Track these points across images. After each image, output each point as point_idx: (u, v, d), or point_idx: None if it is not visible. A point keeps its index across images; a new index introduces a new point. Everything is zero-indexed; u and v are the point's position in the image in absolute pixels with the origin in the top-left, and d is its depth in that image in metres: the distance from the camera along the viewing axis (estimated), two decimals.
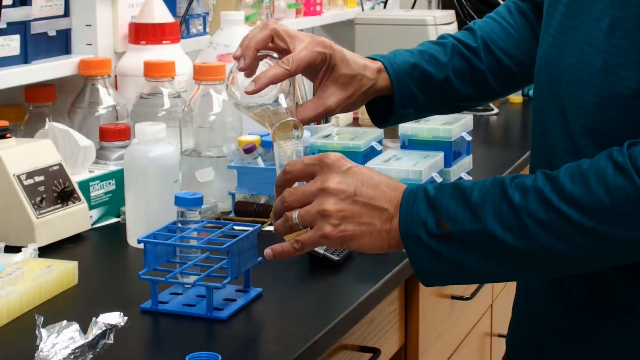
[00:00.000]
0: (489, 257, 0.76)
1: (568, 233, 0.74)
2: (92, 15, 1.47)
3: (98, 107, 1.40)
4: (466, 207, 0.77)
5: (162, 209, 1.11)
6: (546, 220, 0.74)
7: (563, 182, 0.75)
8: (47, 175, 1.15)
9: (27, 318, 0.92)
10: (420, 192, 0.79)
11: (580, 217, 0.74)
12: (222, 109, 1.30)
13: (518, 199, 0.75)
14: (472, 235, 0.76)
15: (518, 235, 0.75)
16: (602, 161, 0.75)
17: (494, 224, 0.75)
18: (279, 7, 2.00)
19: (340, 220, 0.79)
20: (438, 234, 0.77)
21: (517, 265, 0.77)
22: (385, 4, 2.44)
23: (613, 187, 0.73)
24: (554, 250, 0.75)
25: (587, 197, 0.74)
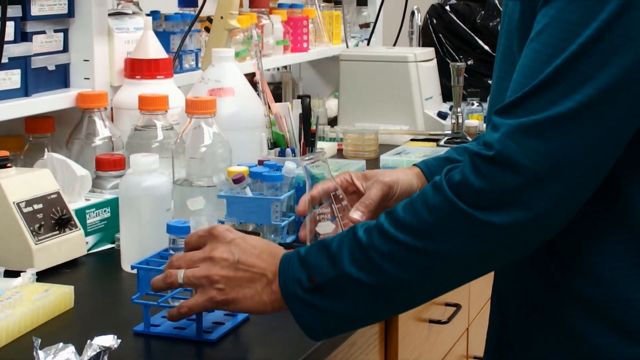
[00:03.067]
0: (354, 299, 0.81)
1: (407, 259, 0.78)
2: (90, 51, 1.50)
3: (94, 138, 1.42)
4: (328, 257, 0.82)
5: (155, 236, 1.13)
6: (387, 251, 0.79)
7: (397, 213, 0.81)
8: (46, 203, 1.17)
9: (25, 340, 0.94)
10: (294, 255, 0.85)
11: (413, 241, 0.78)
12: (212, 141, 1.32)
13: (365, 238, 0.81)
14: (335, 282, 0.81)
15: (370, 272, 0.80)
16: (427, 187, 0.80)
17: (350, 266, 0.81)
18: (267, 44, 2.04)
19: (224, 286, 0.85)
20: (310, 287, 0.82)
21: (378, 303, 0.81)
22: (368, 41, 2.50)
23: (432, 206, 0.78)
24: (402, 279, 0.79)
25: (414, 220, 0.79)
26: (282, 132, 1.52)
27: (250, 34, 1.84)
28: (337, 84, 2.19)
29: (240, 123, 1.50)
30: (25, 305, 0.98)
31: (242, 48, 1.87)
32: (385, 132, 1.99)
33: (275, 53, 2.08)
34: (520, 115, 0.76)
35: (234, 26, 1.70)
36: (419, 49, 2.25)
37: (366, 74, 2.08)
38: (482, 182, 0.76)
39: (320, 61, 2.37)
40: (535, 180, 0.74)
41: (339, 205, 0.98)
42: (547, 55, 0.76)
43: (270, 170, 1.30)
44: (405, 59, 2.05)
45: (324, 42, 2.36)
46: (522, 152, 0.74)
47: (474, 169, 0.76)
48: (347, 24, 2.47)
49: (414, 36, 2.46)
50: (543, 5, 0.78)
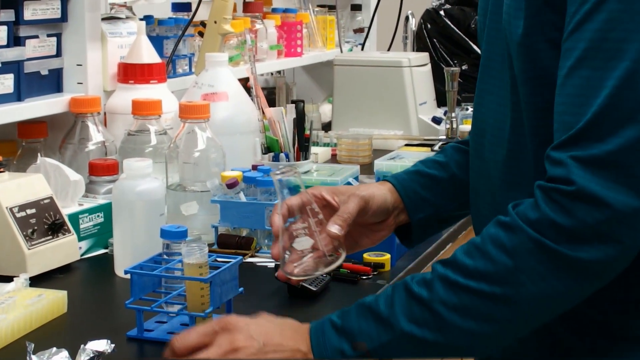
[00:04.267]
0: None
1: (483, 309, 0.74)
2: (83, 56, 1.50)
3: (88, 143, 1.42)
4: (377, 320, 0.76)
5: (148, 241, 1.13)
6: (458, 303, 0.74)
7: (463, 261, 0.75)
8: (39, 208, 1.17)
9: (19, 345, 0.94)
10: (327, 325, 0.79)
11: (491, 287, 0.73)
12: (206, 145, 1.32)
13: (425, 293, 0.75)
14: (391, 345, 0.75)
15: (436, 328, 0.74)
16: (492, 229, 0.76)
17: (409, 325, 0.75)
18: (261, 49, 2.05)
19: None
20: (357, 355, 0.76)
21: (443, 358, 0.76)
22: (362, 46, 2.51)
23: (511, 248, 0.73)
24: (473, 332, 0.74)
25: (490, 266, 0.74)
26: (276, 137, 1.52)
27: (244, 39, 1.84)
28: (331, 88, 2.19)
29: (234, 128, 1.51)
30: (18, 310, 0.98)
31: (236, 53, 1.88)
32: (379, 137, 2.00)
33: (269, 58, 2.08)
34: (588, 148, 0.73)
35: (227, 31, 1.70)
36: (413, 53, 2.26)
37: (360, 79, 2.08)
38: (567, 219, 0.72)
39: (314, 66, 2.38)
40: (623, 213, 0.72)
41: (315, 219, 0.91)
42: (599, 79, 0.73)
43: (264, 175, 1.30)
44: (400, 63, 2.06)
45: (317, 47, 2.37)
46: (604, 184, 0.72)
47: (555, 205, 0.73)
48: (341, 29, 2.48)
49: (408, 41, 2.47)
50: (574, 30, 0.75)
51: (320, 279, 1.13)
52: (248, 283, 1.08)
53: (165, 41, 1.73)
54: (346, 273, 1.19)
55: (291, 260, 0.89)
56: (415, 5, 2.55)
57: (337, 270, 1.18)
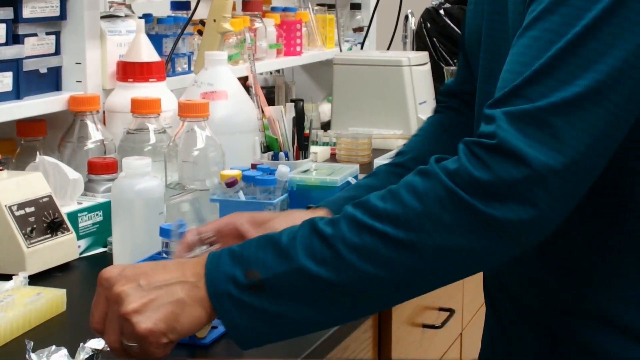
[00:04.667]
0: (305, 299, 0.71)
1: (384, 253, 0.70)
2: (82, 54, 1.50)
3: (87, 141, 1.42)
4: (275, 251, 0.72)
5: (147, 240, 1.13)
6: (360, 243, 0.70)
7: (374, 203, 0.72)
8: (38, 207, 1.17)
9: (17, 343, 0.94)
10: (224, 252, 0.75)
11: (395, 231, 0.69)
12: (205, 144, 1.32)
13: (329, 230, 0.71)
14: (284, 277, 0.71)
15: (333, 267, 0.70)
16: (410, 176, 0.73)
17: (306, 260, 0.71)
18: (261, 47, 2.05)
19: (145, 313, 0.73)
20: (249, 284, 0.71)
21: (333, 304, 0.72)
22: (362, 45, 2.51)
23: (422, 192, 0.70)
24: (371, 276, 0.70)
25: (399, 208, 0.70)
26: (276, 136, 1.52)
27: (244, 37, 1.84)
28: (330, 88, 2.19)
29: (233, 126, 1.51)
30: (17, 309, 0.98)
31: (235, 52, 1.87)
32: (378, 137, 2.00)
33: (268, 57, 2.08)
34: (519, 104, 0.71)
35: (227, 29, 1.70)
36: (412, 53, 2.26)
37: (360, 78, 2.08)
38: (485, 172, 0.69)
39: (313, 65, 2.38)
40: (542, 175, 0.68)
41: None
42: (546, 41, 0.71)
43: (264, 174, 1.30)
44: (399, 63, 2.05)
45: (317, 46, 2.37)
46: (527, 142, 0.69)
47: (474, 159, 0.70)
48: (341, 28, 2.48)
49: (408, 40, 2.47)
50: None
51: None
52: None
53: (165, 40, 1.73)
54: None
55: None
56: (414, 4, 2.55)
57: None
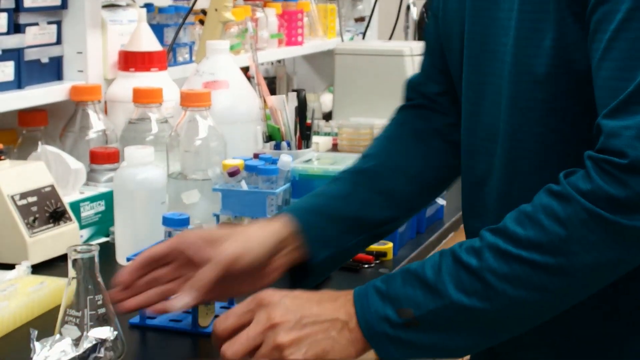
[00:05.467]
0: (461, 330, 0.74)
1: (535, 278, 0.73)
2: (83, 44, 1.49)
3: (88, 131, 1.42)
4: (424, 287, 0.75)
5: (150, 229, 1.13)
6: (509, 272, 0.73)
7: (514, 230, 0.74)
8: (40, 196, 1.17)
9: (20, 332, 0.94)
10: (370, 290, 0.77)
11: (543, 257, 0.72)
12: (207, 134, 1.32)
13: (475, 262, 0.74)
14: (438, 313, 0.74)
15: (486, 297, 0.73)
16: (544, 199, 0.74)
17: (457, 294, 0.73)
18: (262, 37, 2.04)
19: (299, 347, 0.76)
20: (403, 322, 0.74)
21: (489, 330, 0.75)
22: (363, 35, 2.50)
23: (565, 218, 0.72)
24: (524, 302, 0.73)
25: (543, 236, 0.72)
26: (278, 126, 1.52)
27: (245, 27, 1.84)
28: (331, 78, 2.19)
29: (235, 116, 1.50)
30: (20, 298, 0.99)
31: (237, 41, 1.87)
32: (380, 127, 1.99)
33: (269, 47, 2.08)
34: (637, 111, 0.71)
35: (228, 19, 1.70)
36: (414, 42, 2.25)
37: (361, 68, 2.07)
38: (621, 189, 0.71)
39: (314, 55, 2.38)
40: None
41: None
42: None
43: (266, 164, 1.30)
44: (401, 52, 2.05)
45: (318, 36, 2.36)
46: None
47: (608, 177, 0.72)
48: (342, 18, 2.47)
49: (410, 30, 2.46)
50: (600, 3, 0.74)
51: None
52: None
53: (166, 29, 1.73)
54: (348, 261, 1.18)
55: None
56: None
57: None
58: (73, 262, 0.87)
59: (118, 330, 0.87)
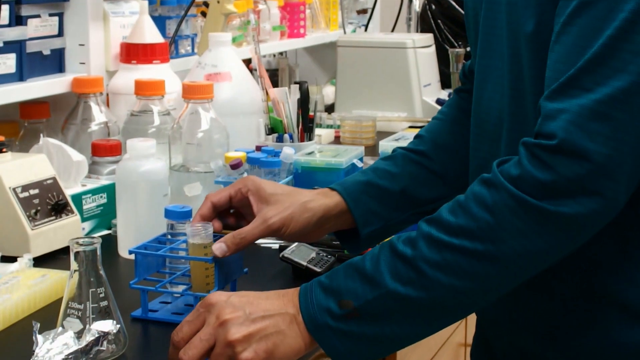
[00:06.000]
0: (399, 319, 0.75)
1: (465, 265, 0.73)
2: (85, 36, 1.49)
3: (90, 123, 1.42)
4: (362, 278, 0.76)
5: (152, 222, 1.13)
6: (441, 260, 0.74)
7: (447, 218, 0.75)
8: (42, 189, 1.17)
9: (23, 325, 0.94)
10: (315, 285, 0.79)
11: (472, 244, 0.73)
12: (209, 126, 1.32)
13: (410, 251, 0.75)
14: (376, 302, 0.75)
15: (420, 286, 0.74)
16: (476, 187, 0.75)
17: (393, 283, 0.75)
18: (264, 30, 2.04)
19: (250, 343, 0.77)
20: (344, 313, 0.76)
21: (426, 318, 0.76)
22: (366, 27, 2.50)
23: (492, 205, 0.73)
24: (457, 289, 0.74)
25: (472, 223, 0.73)
26: (280, 118, 1.51)
27: (247, 19, 1.83)
28: (334, 70, 2.18)
29: (238, 108, 1.50)
30: (22, 290, 0.98)
31: (239, 33, 1.86)
32: (382, 119, 1.99)
33: (271, 39, 2.07)
34: (575, 95, 0.72)
35: (230, 11, 1.69)
36: (417, 35, 2.24)
37: (364, 61, 2.07)
38: (548, 173, 0.72)
39: (317, 47, 2.37)
40: (605, 166, 0.71)
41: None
42: (595, 29, 0.72)
43: (268, 156, 1.30)
44: (404, 45, 2.04)
45: (320, 28, 2.35)
46: (588, 137, 0.71)
47: (536, 161, 0.72)
48: (345, 10, 2.46)
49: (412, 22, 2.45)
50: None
51: (325, 260, 1.13)
52: (253, 264, 1.08)
53: (168, 21, 1.73)
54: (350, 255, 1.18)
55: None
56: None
57: (342, 252, 1.18)
58: (75, 254, 0.87)
59: (120, 324, 0.87)
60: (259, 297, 0.80)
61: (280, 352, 0.78)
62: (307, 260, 1.11)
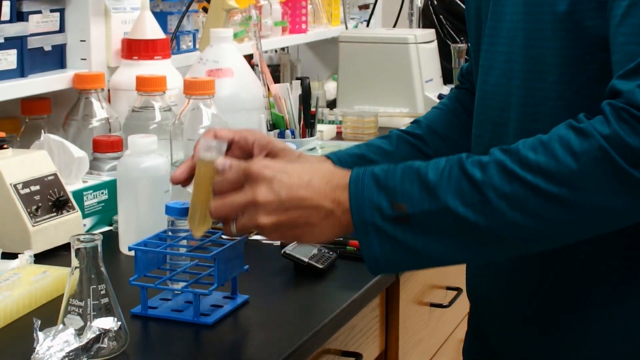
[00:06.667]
0: (448, 238, 0.73)
1: (533, 204, 0.71)
2: (87, 31, 1.49)
3: (92, 119, 1.42)
4: (423, 187, 0.73)
5: (153, 218, 1.13)
6: (510, 192, 0.72)
7: (525, 153, 0.73)
8: (43, 185, 1.17)
9: (23, 321, 0.94)
10: (367, 176, 0.76)
11: (547, 185, 0.71)
12: (211, 122, 1.31)
13: (479, 174, 0.73)
14: (431, 215, 0.73)
15: (481, 212, 0.72)
16: (562, 130, 0.73)
17: (454, 201, 0.72)
18: (265, 25, 2.03)
19: (277, 230, 0.77)
20: (395, 216, 0.73)
21: (476, 245, 0.74)
22: (368, 22, 2.49)
23: (579, 152, 0.71)
24: (517, 225, 0.72)
25: (553, 164, 0.71)
26: (282, 114, 1.51)
27: (249, 15, 1.83)
28: (335, 66, 2.18)
29: (239, 104, 1.50)
30: (23, 287, 0.98)
31: (240, 29, 1.86)
32: (384, 115, 1.98)
33: (273, 34, 2.07)
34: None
35: (232, 6, 1.69)
36: (419, 30, 2.24)
37: (365, 56, 2.06)
38: (637, 140, 0.70)
39: (318, 43, 2.36)
40: None
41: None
42: None
43: None
44: (406, 40, 2.04)
45: (322, 24, 2.35)
46: None
47: (626, 126, 0.71)
48: (346, 5, 2.45)
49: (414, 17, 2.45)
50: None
51: (327, 256, 1.13)
52: (254, 260, 1.07)
53: (169, 17, 1.72)
54: (353, 251, 1.18)
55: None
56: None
57: (344, 248, 1.17)
58: (76, 251, 0.87)
59: (121, 321, 0.87)
60: (301, 181, 0.77)
61: (306, 239, 0.78)
62: (308, 257, 1.11)
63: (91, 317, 0.86)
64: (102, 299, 0.87)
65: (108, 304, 0.87)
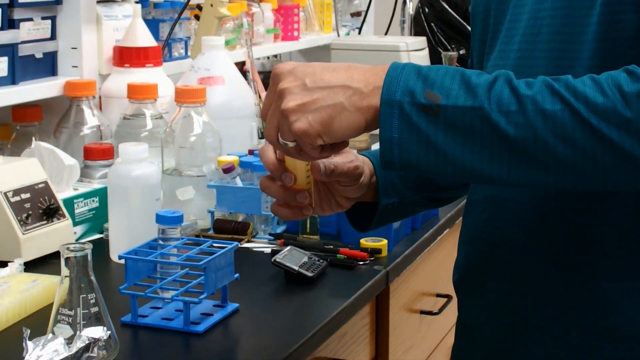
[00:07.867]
0: (471, 141, 0.70)
1: (569, 129, 0.69)
2: (78, 39, 1.49)
3: (83, 127, 1.42)
4: (463, 84, 0.71)
5: (144, 226, 1.13)
6: (550, 110, 0.69)
7: (573, 83, 0.70)
8: (33, 193, 1.16)
9: (13, 330, 0.94)
10: (409, 66, 0.73)
11: (588, 114, 0.68)
12: (202, 130, 1.32)
13: (523, 88, 0.70)
14: (462, 112, 0.70)
15: (514, 122, 0.69)
16: (614, 72, 0.71)
17: (490, 104, 0.70)
18: (258, 32, 2.03)
19: (304, 112, 0.72)
20: (424, 104, 0.70)
21: (496, 157, 0.70)
22: (359, 30, 2.49)
23: (629, 93, 0.69)
24: (545, 145, 0.69)
25: (600, 97, 0.69)
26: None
27: (241, 22, 1.83)
28: None
29: (231, 112, 1.50)
30: (13, 296, 0.98)
31: (232, 36, 1.86)
32: None
33: (265, 42, 2.07)
34: None
35: (224, 14, 1.69)
36: (410, 38, 2.24)
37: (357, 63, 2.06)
38: None
39: (310, 50, 2.37)
40: None
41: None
42: None
43: None
44: (397, 48, 2.04)
45: (314, 31, 2.35)
46: None
47: None
48: (338, 13, 2.46)
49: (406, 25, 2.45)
50: None
51: (317, 264, 1.13)
52: (244, 269, 1.08)
53: (161, 24, 1.72)
54: (343, 259, 1.18)
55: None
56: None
57: (334, 256, 1.18)
58: (66, 260, 0.87)
59: (111, 329, 0.87)
60: (326, 68, 0.74)
61: (336, 125, 0.73)
62: (299, 265, 1.11)
63: (81, 326, 0.86)
64: (92, 308, 0.87)
65: (98, 313, 0.87)
